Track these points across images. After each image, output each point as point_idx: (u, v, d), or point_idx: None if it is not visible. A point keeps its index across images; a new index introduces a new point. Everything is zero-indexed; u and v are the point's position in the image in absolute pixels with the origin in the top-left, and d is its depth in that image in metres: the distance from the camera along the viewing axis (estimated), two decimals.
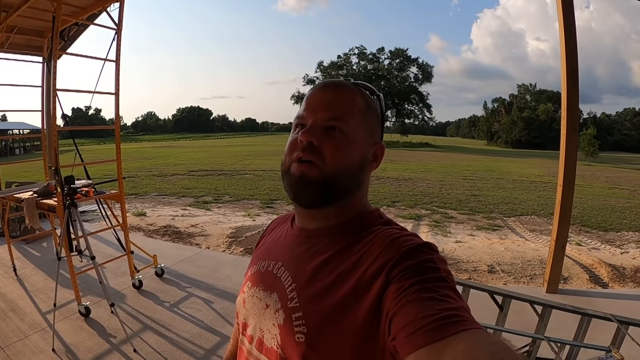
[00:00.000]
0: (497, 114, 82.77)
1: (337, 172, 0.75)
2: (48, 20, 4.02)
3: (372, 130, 0.80)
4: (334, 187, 0.76)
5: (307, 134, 0.75)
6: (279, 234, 0.93)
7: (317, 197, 0.76)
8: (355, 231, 0.77)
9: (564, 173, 4.25)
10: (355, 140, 0.77)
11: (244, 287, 0.88)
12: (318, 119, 0.76)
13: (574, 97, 4.14)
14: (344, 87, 0.80)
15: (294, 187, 0.77)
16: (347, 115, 0.76)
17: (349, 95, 0.79)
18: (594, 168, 26.95)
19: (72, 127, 4.38)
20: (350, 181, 0.78)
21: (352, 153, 0.76)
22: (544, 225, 9.22)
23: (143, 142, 60.57)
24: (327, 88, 0.80)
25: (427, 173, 19.75)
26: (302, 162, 0.76)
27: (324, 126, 0.76)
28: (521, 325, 2.69)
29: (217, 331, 3.43)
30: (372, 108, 0.81)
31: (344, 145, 0.75)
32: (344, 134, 0.75)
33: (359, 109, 0.78)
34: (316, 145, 0.75)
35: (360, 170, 0.79)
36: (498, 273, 5.29)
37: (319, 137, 0.75)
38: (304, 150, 0.75)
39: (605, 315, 2.42)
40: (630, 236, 8.28)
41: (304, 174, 0.75)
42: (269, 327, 0.76)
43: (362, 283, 0.67)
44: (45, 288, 4.11)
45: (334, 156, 0.74)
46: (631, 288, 4.89)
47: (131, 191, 12.02)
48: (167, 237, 6.68)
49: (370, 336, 0.64)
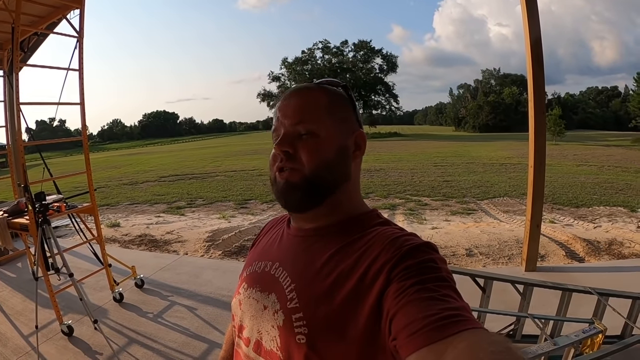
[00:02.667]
0: (463, 100, 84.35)
1: (317, 170, 0.76)
2: (7, 31, 3.88)
3: (343, 121, 0.81)
4: (319, 185, 0.77)
5: (281, 145, 0.78)
6: (275, 234, 0.93)
7: (305, 199, 0.78)
8: (354, 231, 0.77)
9: (534, 154, 4.35)
10: (326, 136, 0.78)
11: (240, 289, 0.87)
12: (288, 127, 0.79)
13: (540, 80, 4.23)
14: (305, 90, 0.83)
15: (282, 194, 0.79)
16: (312, 116, 0.78)
17: (310, 97, 0.81)
18: (561, 147, 27.75)
19: (39, 142, 4.23)
20: (333, 174, 0.78)
21: (326, 149, 0.78)
22: (517, 205, 9.45)
23: (110, 151, 59.13)
24: (290, 97, 0.82)
25: (398, 162, 19.95)
26: (283, 171, 0.78)
27: (295, 133, 0.78)
28: (504, 305, 2.75)
29: (204, 338, 3.39)
30: (337, 101, 0.82)
31: (317, 146, 0.77)
32: (314, 135, 0.77)
33: (323, 106, 0.80)
34: (292, 153, 0.77)
35: (340, 161, 0.80)
36: (476, 256, 5.39)
37: (293, 145, 0.77)
38: (282, 160, 0.78)
39: (586, 289, 2.51)
40: (602, 211, 8.56)
41: (288, 180, 0.77)
42: (267, 328, 0.75)
43: (363, 283, 0.67)
44: (25, 310, 3.97)
45: (310, 158, 0.77)
46: (607, 261, 5.06)
47: (102, 202, 11.72)
48: (143, 246, 6.54)
49: (372, 336, 0.64)
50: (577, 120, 75.20)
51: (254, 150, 32.81)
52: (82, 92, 3.91)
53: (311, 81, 0.88)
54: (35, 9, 3.92)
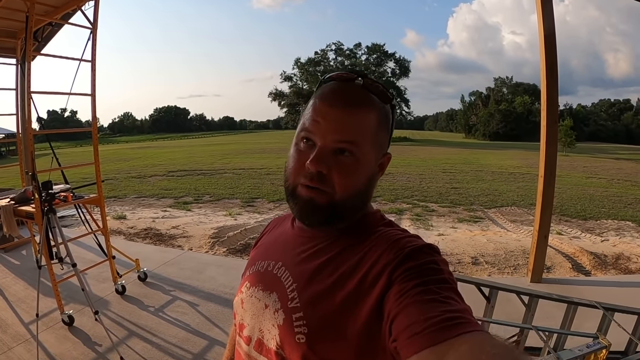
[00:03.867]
0: (475, 107, 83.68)
1: (346, 197, 0.73)
2: (21, 20, 3.91)
3: (381, 146, 0.78)
4: (342, 211, 0.75)
5: (316, 163, 0.71)
6: (278, 233, 0.92)
7: (324, 220, 0.76)
8: (357, 232, 0.77)
9: (545, 164, 4.31)
10: (365, 163, 0.74)
11: (242, 288, 0.86)
12: (328, 141, 0.72)
13: (553, 90, 4.20)
14: (358, 104, 0.74)
15: (302, 211, 0.75)
16: (360, 139, 0.72)
17: (363, 115, 0.73)
18: (571, 158, 27.53)
19: (49, 131, 4.27)
20: (359, 203, 0.77)
21: (361, 176, 0.74)
22: (525, 215, 9.39)
23: (120, 144, 59.41)
24: (339, 104, 0.73)
25: (407, 167, 19.88)
26: (310, 189, 0.73)
27: (334, 148, 0.72)
28: (508, 316, 2.71)
29: (204, 334, 3.39)
30: (383, 124, 0.77)
31: (353, 170, 0.73)
32: (355, 158, 0.72)
33: (372, 129, 0.74)
34: (325, 173, 0.71)
35: (368, 189, 0.78)
36: (482, 264, 5.35)
37: (328, 164, 0.71)
38: (312, 179, 0.72)
39: (591, 303, 2.47)
40: (610, 224, 8.49)
41: (313, 200, 0.73)
42: (268, 327, 0.75)
43: (364, 284, 0.67)
44: (27, 297, 4.00)
45: (343, 183, 0.72)
46: (613, 275, 5.01)
47: (110, 194, 11.81)
48: (148, 239, 6.57)
49: (372, 337, 0.64)
50: (588, 132, 74.55)
51: (263, 149, 32.87)
52: (94, 83, 3.94)
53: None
54: None
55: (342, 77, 0.77)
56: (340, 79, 0.77)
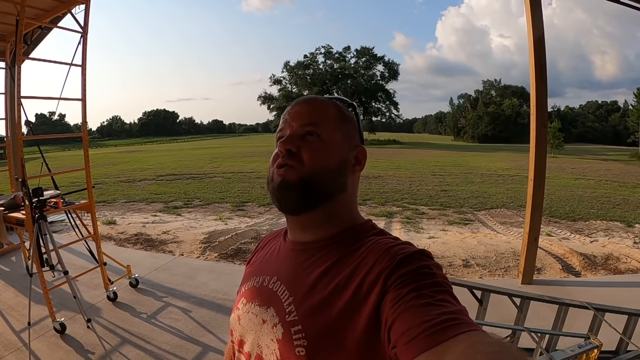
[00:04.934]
0: (463, 110, 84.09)
1: (315, 172, 0.77)
2: (11, 24, 3.87)
3: (348, 135, 0.83)
4: (314, 187, 0.77)
5: (284, 143, 0.79)
6: (271, 249, 0.92)
7: (299, 199, 0.77)
8: (349, 242, 0.78)
9: (535, 167, 4.35)
10: (332, 143, 0.79)
11: (239, 304, 0.87)
12: (294, 128, 0.80)
13: (542, 93, 4.25)
14: (317, 99, 0.86)
15: (277, 192, 0.79)
16: (322, 121, 0.80)
17: (322, 105, 0.84)
18: (560, 160, 27.86)
19: (39, 136, 4.23)
20: (331, 181, 0.79)
21: (330, 155, 0.79)
22: (514, 217, 9.47)
23: (109, 147, 58.86)
24: (301, 102, 0.85)
25: (396, 170, 20.00)
26: (281, 168, 0.78)
27: (301, 133, 0.79)
28: (500, 318, 2.74)
29: (198, 341, 3.37)
30: (346, 116, 0.85)
31: (321, 148, 0.78)
32: (321, 138, 0.79)
33: (333, 116, 0.82)
34: (294, 151, 0.78)
35: (340, 172, 0.80)
36: (473, 267, 5.39)
37: (296, 144, 0.78)
38: (283, 157, 0.78)
39: (582, 304, 2.50)
40: (598, 225, 8.60)
41: (284, 177, 0.77)
42: (267, 342, 0.75)
43: (360, 293, 0.68)
44: (18, 305, 3.94)
45: (311, 158, 0.77)
46: (603, 275, 5.07)
47: (99, 199, 11.68)
48: (139, 245, 6.51)
49: (371, 345, 0.64)
50: (576, 133, 75.31)
51: (252, 152, 32.77)
52: (84, 88, 3.91)
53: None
54: (40, 2, 3.93)
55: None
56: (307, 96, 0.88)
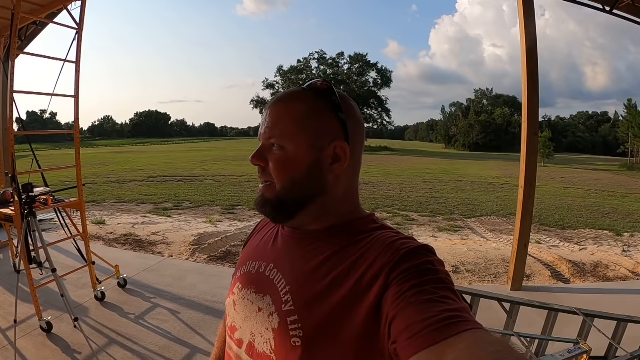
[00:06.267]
0: (455, 118, 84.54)
1: (285, 187, 0.76)
2: (6, 18, 3.84)
3: (320, 133, 0.76)
4: (287, 202, 0.77)
5: (253, 158, 0.79)
6: (269, 233, 0.91)
7: (275, 214, 0.79)
8: (349, 235, 0.77)
9: (525, 173, 4.39)
10: (296, 151, 0.75)
11: (234, 289, 0.86)
12: (263, 139, 0.79)
13: (534, 101, 4.29)
14: (282, 100, 0.80)
15: (258, 206, 0.81)
16: (283, 130, 0.76)
17: (288, 107, 0.78)
18: (550, 169, 28.08)
19: (30, 132, 4.19)
20: (303, 192, 0.76)
21: (294, 166, 0.75)
22: (504, 225, 9.53)
23: (100, 147, 58.12)
24: (268, 107, 0.81)
25: (387, 177, 19.99)
26: (262, 183, 0.80)
27: (268, 145, 0.78)
28: (490, 323, 2.74)
29: (186, 342, 3.34)
30: (317, 110, 0.77)
31: (285, 160, 0.76)
32: (282, 148, 0.76)
33: (298, 117, 0.76)
34: (264, 166, 0.78)
35: (311, 177, 0.76)
36: (463, 273, 5.41)
37: (264, 159, 0.78)
38: (259, 173, 0.80)
39: (571, 310, 2.52)
40: (587, 233, 8.68)
41: (264, 194, 0.79)
42: (261, 331, 0.74)
43: (360, 287, 0.67)
44: (4, 303, 3.89)
45: (276, 173, 0.76)
46: (592, 282, 5.12)
47: (89, 198, 11.56)
48: (128, 245, 6.47)
49: (369, 339, 0.64)
50: (566, 143, 76.14)
51: (244, 156, 32.56)
52: (78, 85, 3.88)
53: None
54: None
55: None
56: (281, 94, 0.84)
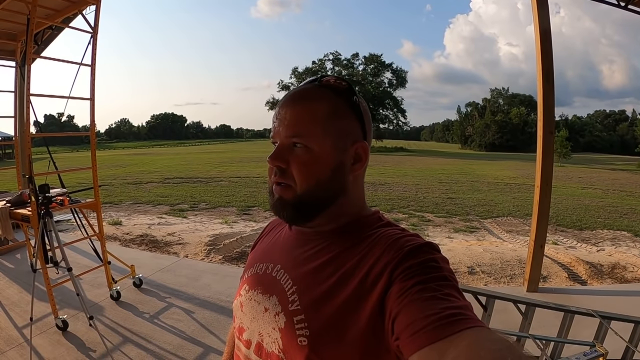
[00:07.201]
0: (471, 118, 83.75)
1: (307, 189, 0.75)
2: (22, 23, 3.92)
3: (343, 134, 0.76)
4: (310, 204, 0.76)
5: (273, 159, 0.76)
6: (276, 235, 0.91)
7: (295, 216, 0.78)
8: (355, 233, 0.76)
9: (541, 174, 4.33)
10: (321, 152, 0.74)
11: (241, 290, 0.86)
12: (282, 137, 0.76)
13: (549, 100, 4.23)
14: (303, 98, 0.77)
15: (276, 209, 0.79)
16: (309, 129, 0.74)
17: (309, 106, 0.76)
18: (567, 169, 27.66)
19: (46, 134, 4.26)
20: (327, 192, 0.76)
21: (320, 166, 0.74)
22: (521, 226, 9.39)
23: (117, 150, 59.22)
24: (286, 104, 0.77)
25: (403, 177, 19.89)
26: (278, 185, 0.77)
27: (289, 144, 0.75)
28: (505, 325, 2.72)
29: (200, 342, 3.36)
30: (339, 110, 0.76)
31: (309, 161, 0.74)
32: (308, 149, 0.74)
33: (321, 118, 0.75)
34: (284, 168, 0.75)
35: (334, 178, 0.76)
36: (478, 274, 5.35)
37: (285, 159, 0.75)
38: (276, 174, 0.76)
39: (588, 312, 2.47)
40: (605, 234, 8.51)
41: (281, 196, 0.77)
42: (268, 331, 0.75)
43: (365, 284, 0.67)
44: (21, 301, 3.96)
45: (301, 175, 0.74)
46: (609, 284, 5.02)
47: (106, 200, 11.74)
48: (144, 246, 6.53)
49: (375, 336, 0.64)
50: (583, 142, 75.02)
51: (259, 157, 32.75)
52: (93, 88, 3.94)
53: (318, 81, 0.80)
54: (51, 2, 3.97)
55: (303, 83, 0.81)
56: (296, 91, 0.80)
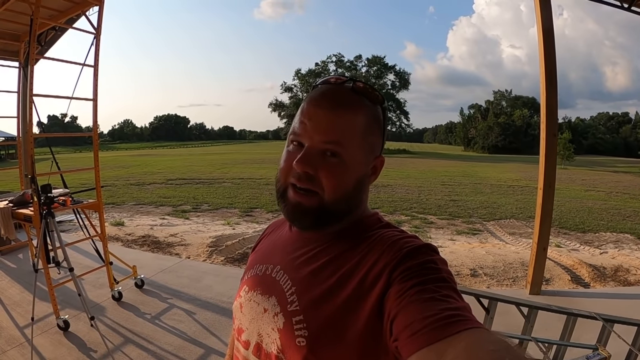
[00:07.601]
0: (474, 120, 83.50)
1: (335, 199, 0.73)
2: (25, 24, 3.94)
3: (372, 148, 0.76)
4: (332, 214, 0.75)
5: (302, 163, 0.71)
6: (276, 237, 0.92)
7: (314, 223, 0.75)
8: (355, 235, 0.76)
9: (544, 176, 4.30)
10: (353, 164, 0.73)
11: (241, 291, 0.86)
12: (315, 142, 0.72)
13: (552, 102, 4.21)
14: (342, 105, 0.73)
15: (291, 214, 0.76)
16: (347, 141, 0.72)
17: (350, 117, 0.73)
18: (570, 171, 27.61)
19: (49, 134, 4.27)
20: (348, 205, 0.76)
21: (349, 178, 0.74)
22: (523, 228, 9.38)
23: (120, 151, 59.43)
24: (323, 105, 0.73)
25: (406, 179, 19.92)
26: (298, 190, 0.73)
27: (321, 150, 0.71)
28: (507, 327, 2.70)
29: (201, 343, 3.35)
30: (373, 125, 0.76)
31: (341, 172, 0.72)
32: (342, 160, 0.72)
33: (360, 131, 0.73)
34: (312, 174, 0.71)
35: (358, 190, 0.76)
36: (481, 276, 5.33)
37: (315, 165, 0.71)
38: (300, 179, 0.72)
39: (591, 314, 2.45)
40: (608, 237, 8.49)
41: (301, 203, 0.73)
42: (267, 331, 0.74)
43: (364, 285, 0.67)
44: (22, 301, 3.97)
45: (330, 185, 0.72)
46: (612, 287, 4.99)
47: (108, 200, 11.78)
48: (146, 247, 6.55)
49: (373, 338, 0.64)
50: (586, 145, 74.83)
51: (262, 159, 32.80)
52: (96, 88, 3.95)
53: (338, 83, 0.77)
54: (54, 2, 3.99)
55: (332, 81, 0.77)
56: (330, 82, 0.77)
